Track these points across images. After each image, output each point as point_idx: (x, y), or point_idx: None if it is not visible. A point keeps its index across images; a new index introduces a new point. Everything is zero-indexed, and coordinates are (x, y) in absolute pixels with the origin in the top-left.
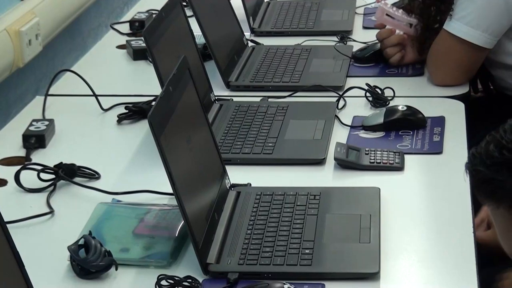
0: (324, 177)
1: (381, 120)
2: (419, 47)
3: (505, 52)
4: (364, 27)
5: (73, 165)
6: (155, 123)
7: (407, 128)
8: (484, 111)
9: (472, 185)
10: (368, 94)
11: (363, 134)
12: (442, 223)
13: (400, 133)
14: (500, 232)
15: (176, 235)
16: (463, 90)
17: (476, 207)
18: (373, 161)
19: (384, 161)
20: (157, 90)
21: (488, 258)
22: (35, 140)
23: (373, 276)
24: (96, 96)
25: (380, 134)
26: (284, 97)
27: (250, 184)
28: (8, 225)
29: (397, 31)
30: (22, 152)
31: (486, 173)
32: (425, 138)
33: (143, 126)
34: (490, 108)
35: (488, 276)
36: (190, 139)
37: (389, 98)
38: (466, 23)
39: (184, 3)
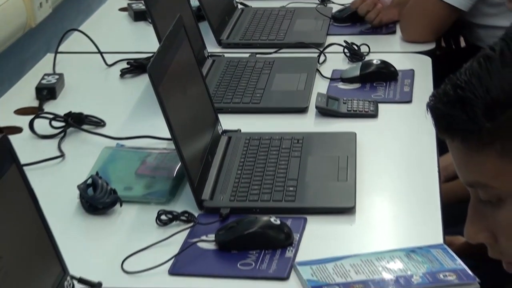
0: (307, 123)
1: (357, 73)
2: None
3: (482, 14)
4: None
5: (81, 114)
6: (154, 74)
7: (381, 80)
8: (448, 65)
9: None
10: (346, 50)
11: (341, 85)
12: (411, 163)
13: (374, 85)
14: (456, 164)
15: (174, 175)
16: (430, 46)
17: (441, 149)
18: (350, 109)
19: (360, 109)
20: (155, 47)
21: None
22: (47, 92)
23: (350, 210)
24: (101, 53)
25: (356, 85)
26: (271, 53)
27: (240, 130)
28: (24, 167)
29: None
30: (35, 103)
31: (442, 110)
32: (397, 89)
33: (144, 79)
34: (455, 63)
35: (453, 210)
36: (186, 90)
37: (365, 53)
38: None
39: None
